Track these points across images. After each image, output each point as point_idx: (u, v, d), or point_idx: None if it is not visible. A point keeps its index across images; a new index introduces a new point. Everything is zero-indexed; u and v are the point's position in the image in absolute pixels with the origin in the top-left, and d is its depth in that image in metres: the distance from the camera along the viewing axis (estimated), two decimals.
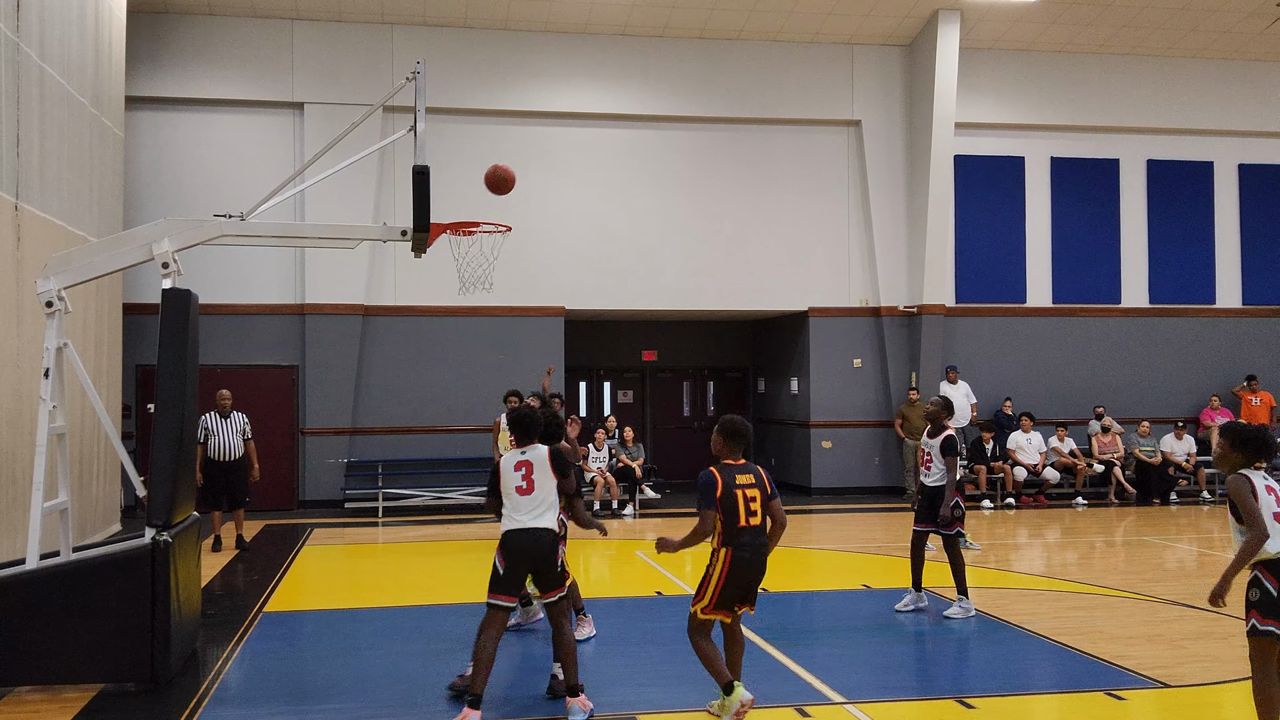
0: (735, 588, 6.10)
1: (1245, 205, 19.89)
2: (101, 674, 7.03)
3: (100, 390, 12.27)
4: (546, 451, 6.45)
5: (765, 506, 6.17)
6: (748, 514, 6.10)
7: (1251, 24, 18.24)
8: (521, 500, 6.35)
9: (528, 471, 6.37)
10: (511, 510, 6.37)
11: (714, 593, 6.10)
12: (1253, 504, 5.48)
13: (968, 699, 6.69)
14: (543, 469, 6.40)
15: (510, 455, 6.47)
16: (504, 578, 6.32)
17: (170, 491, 7.30)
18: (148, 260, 7.76)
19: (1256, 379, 19.17)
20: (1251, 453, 5.72)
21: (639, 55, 17.89)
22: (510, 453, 6.50)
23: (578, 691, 6.34)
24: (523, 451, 6.46)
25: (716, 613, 6.17)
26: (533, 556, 6.33)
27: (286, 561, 12.27)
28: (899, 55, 18.64)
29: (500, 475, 6.43)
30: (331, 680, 7.35)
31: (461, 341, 17.38)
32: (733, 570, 6.08)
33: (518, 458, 6.43)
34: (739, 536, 6.08)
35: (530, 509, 6.34)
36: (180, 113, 16.85)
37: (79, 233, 12.35)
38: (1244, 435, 5.74)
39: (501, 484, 6.41)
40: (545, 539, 6.33)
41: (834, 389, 18.57)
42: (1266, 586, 5.51)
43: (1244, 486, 5.54)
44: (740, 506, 6.09)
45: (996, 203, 19.10)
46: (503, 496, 6.41)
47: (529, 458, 6.42)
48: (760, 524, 6.15)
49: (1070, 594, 10.10)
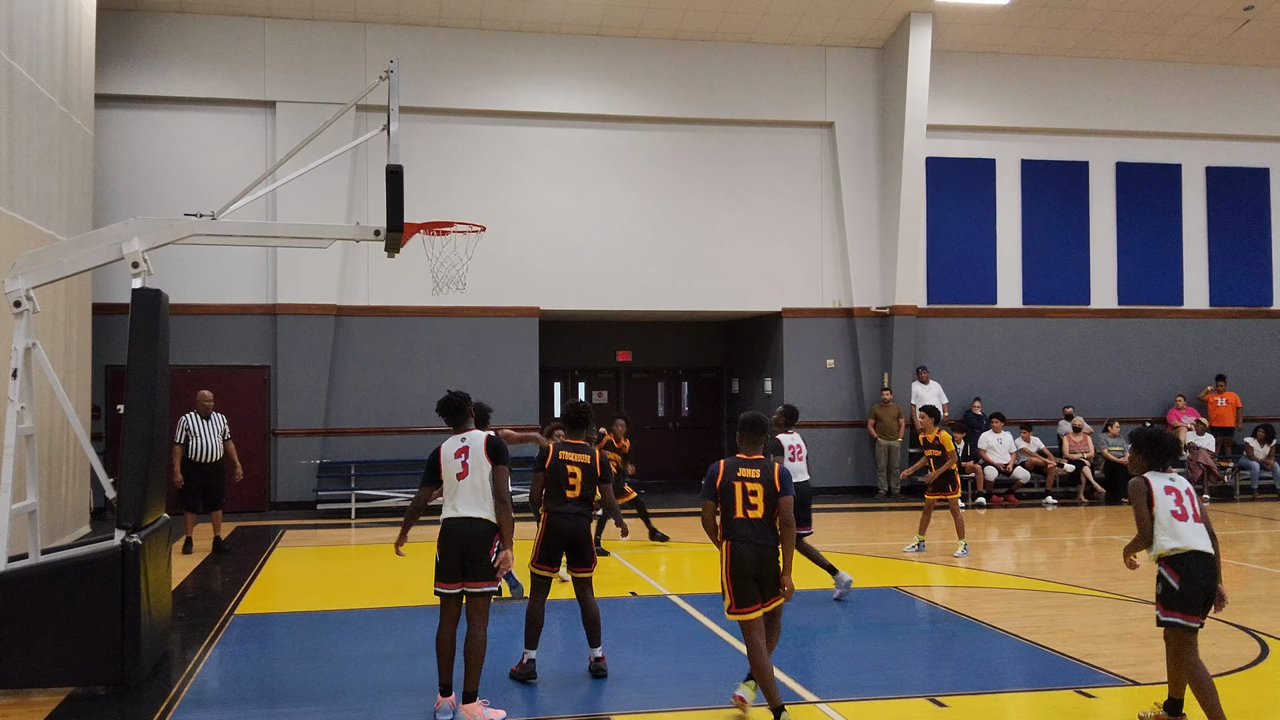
0: (744, 580, 6.11)
1: (1212, 207, 20.12)
2: (71, 677, 6.97)
3: (69, 391, 12.14)
4: (484, 439, 6.47)
5: (768, 501, 6.15)
6: (746, 506, 6.14)
7: (1219, 28, 18.45)
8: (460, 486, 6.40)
9: (465, 458, 6.41)
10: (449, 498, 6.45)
11: (729, 588, 6.14)
12: (1144, 511, 6.02)
13: (940, 698, 6.74)
14: (478, 456, 6.40)
15: (450, 442, 6.51)
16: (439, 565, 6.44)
17: (140, 493, 7.24)
18: (117, 260, 7.70)
19: (1224, 379, 19.40)
20: (1150, 454, 6.18)
21: (613, 56, 17.89)
22: (451, 440, 6.52)
23: None
24: (462, 439, 6.49)
25: (744, 611, 6.12)
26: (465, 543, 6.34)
27: (258, 563, 12.19)
28: (872, 58, 18.74)
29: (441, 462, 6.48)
30: (304, 682, 7.32)
31: (435, 342, 17.32)
32: (735, 562, 6.12)
33: (457, 444, 6.47)
34: (737, 528, 6.14)
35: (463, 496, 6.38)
36: (151, 111, 16.71)
37: (48, 232, 12.23)
38: (1142, 438, 6.23)
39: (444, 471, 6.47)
40: (479, 528, 6.35)
41: (807, 389, 18.64)
42: (1169, 581, 5.97)
43: (1140, 491, 6.05)
44: (738, 498, 6.14)
45: (968, 204, 19.23)
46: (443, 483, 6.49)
47: (467, 444, 6.46)
48: (761, 518, 6.15)
49: (1040, 593, 10.18)
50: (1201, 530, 6.01)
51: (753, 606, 6.12)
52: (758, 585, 6.13)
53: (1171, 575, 5.95)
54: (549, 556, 7.21)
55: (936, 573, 11.56)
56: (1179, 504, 6.01)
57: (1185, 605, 5.89)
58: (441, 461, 6.45)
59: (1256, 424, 19.02)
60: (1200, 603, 5.91)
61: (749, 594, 6.10)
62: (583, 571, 7.29)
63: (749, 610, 6.11)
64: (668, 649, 8.17)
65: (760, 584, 6.14)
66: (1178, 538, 5.93)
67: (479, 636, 6.29)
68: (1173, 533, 5.95)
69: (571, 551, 7.24)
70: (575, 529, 7.21)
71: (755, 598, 6.12)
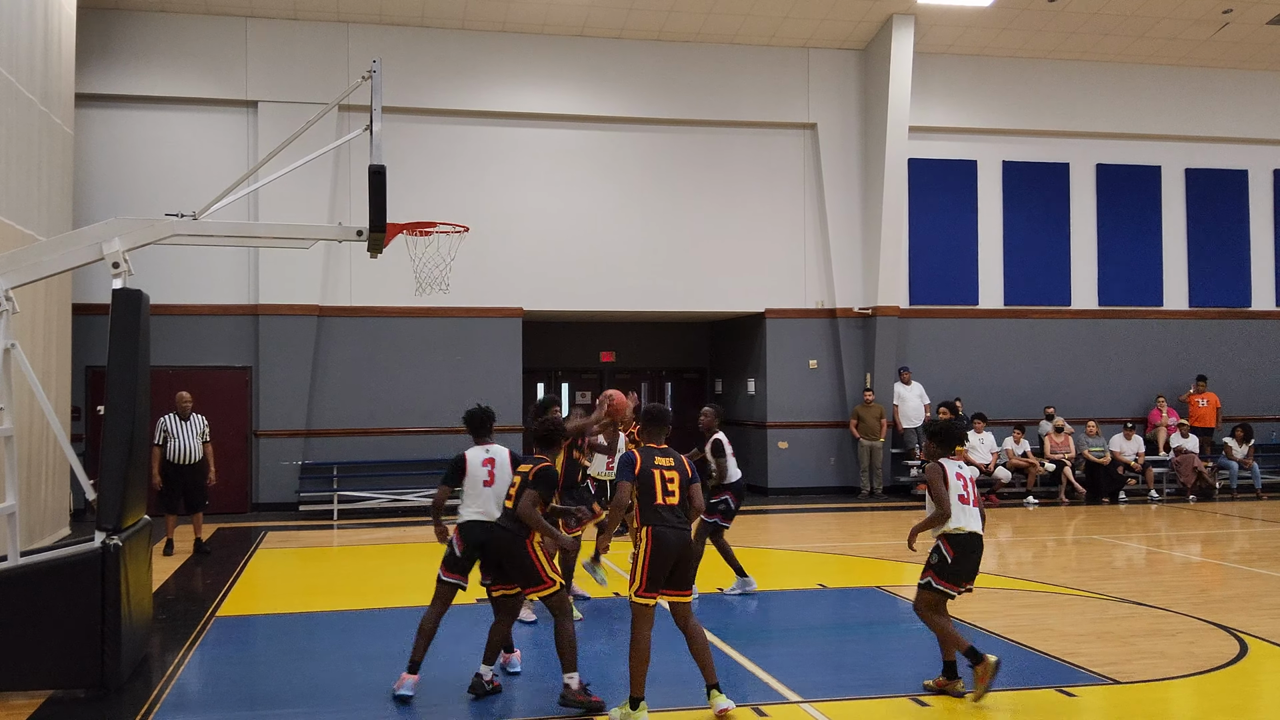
0: (661, 565, 6.25)
1: (1192, 209, 20.25)
2: (50, 680, 6.93)
3: (49, 392, 12.06)
4: (507, 453, 7.12)
5: (684, 489, 6.40)
6: (664, 493, 6.33)
7: (1199, 31, 18.58)
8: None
9: (491, 468, 7.06)
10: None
11: (643, 572, 6.25)
12: (942, 490, 6.72)
13: (922, 697, 6.76)
14: (504, 468, 7.05)
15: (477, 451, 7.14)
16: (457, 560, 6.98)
17: (120, 494, 7.20)
18: (98, 260, 7.65)
19: (1205, 380, 19.54)
20: (942, 443, 6.93)
21: (596, 56, 17.89)
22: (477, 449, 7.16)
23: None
24: (487, 450, 7.13)
25: (649, 595, 6.28)
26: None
27: (240, 565, 12.14)
28: (854, 59, 18.79)
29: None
30: (285, 685, 7.29)
31: (418, 343, 17.28)
32: (656, 547, 6.24)
33: (483, 455, 7.12)
34: (658, 514, 6.29)
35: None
36: (132, 110, 16.62)
37: (27, 231, 12.14)
38: (934, 428, 7.03)
39: None
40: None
41: (790, 390, 18.68)
42: (945, 555, 6.74)
43: (937, 474, 6.77)
44: (657, 485, 6.33)
45: (949, 206, 19.31)
46: None
47: (493, 456, 7.10)
48: (679, 504, 6.35)
49: (1022, 592, 10.23)
50: (977, 515, 6.82)
51: (655, 594, 6.31)
52: (669, 572, 6.29)
53: (949, 551, 6.72)
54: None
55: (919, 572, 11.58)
56: (965, 489, 6.80)
57: (954, 578, 6.76)
58: (468, 468, 7.06)
59: (1235, 424, 19.16)
60: (966, 577, 6.81)
61: (659, 579, 6.28)
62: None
63: (651, 597, 6.29)
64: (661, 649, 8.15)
65: (673, 571, 6.30)
66: (960, 519, 6.72)
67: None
68: (957, 514, 6.72)
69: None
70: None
71: (661, 584, 6.30)
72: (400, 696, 6.64)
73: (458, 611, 7.70)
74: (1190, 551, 13.30)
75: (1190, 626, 8.73)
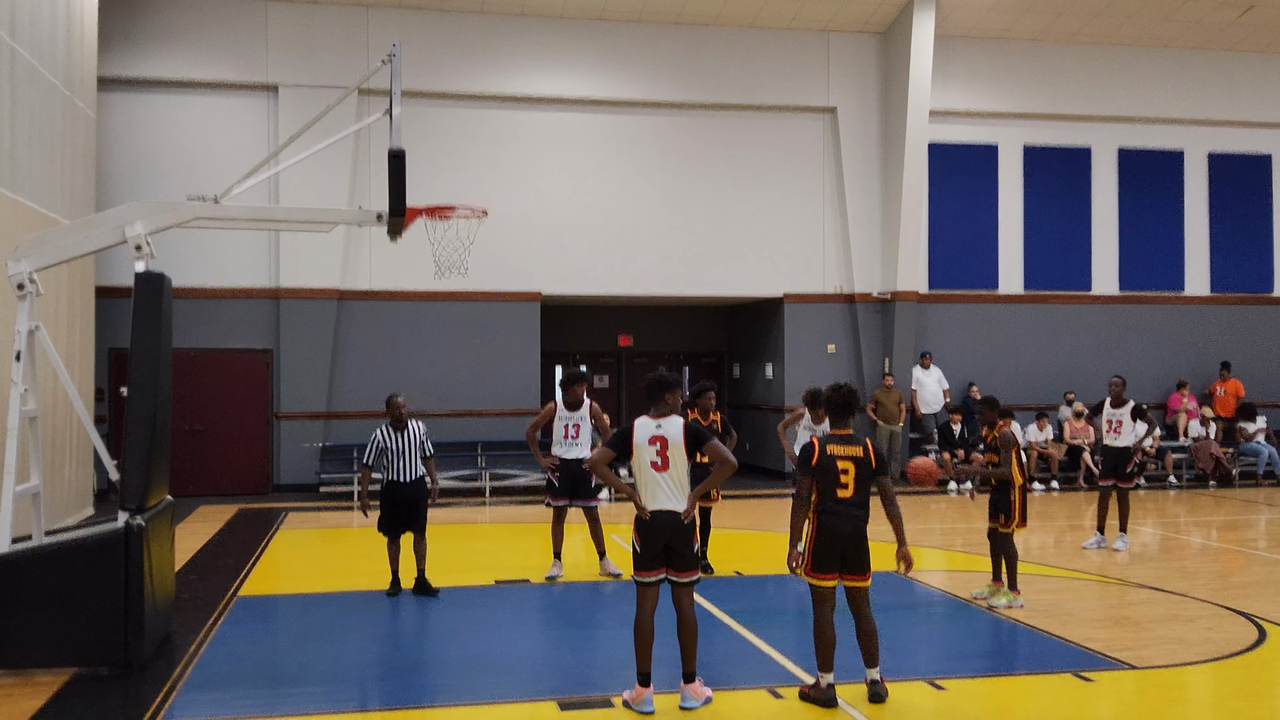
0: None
1: (1214, 194, 20.09)
2: (74, 658, 7.02)
3: (72, 373, 12.17)
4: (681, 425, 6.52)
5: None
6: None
7: (1222, 14, 18.39)
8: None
9: (662, 447, 6.43)
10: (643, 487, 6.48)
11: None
12: None
13: (938, 680, 6.79)
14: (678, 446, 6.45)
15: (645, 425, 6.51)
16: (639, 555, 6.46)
17: (144, 475, 7.27)
18: (120, 243, 7.72)
19: (1229, 367, 19.41)
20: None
21: (615, 40, 17.85)
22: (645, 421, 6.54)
23: (693, 678, 6.39)
24: (658, 424, 6.49)
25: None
26: None
27: (261, 545, 12.25)
28: (874, 43, 18.69)
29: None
30: (306, 664, 7.36)
31: (437, 326, 17.34)
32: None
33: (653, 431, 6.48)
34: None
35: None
36: (154, 94, 16.69)
37: (51, 214, 12.25)
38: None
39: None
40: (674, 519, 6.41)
41: (808, 374, 18.61)
42: None
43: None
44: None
45: (969, 190, 19.21)
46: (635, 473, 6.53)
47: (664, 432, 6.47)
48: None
49: (1039, 577, 10.22)
50: None
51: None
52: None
53: None
54: (824, 564, 6.45)
55: (935, 557, 11.61)
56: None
57: None
58: (635, 446, 6.46)
59: (1246, 406, 19.03)
60: None
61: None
62: (859, 580, 6.54)
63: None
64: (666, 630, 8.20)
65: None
66: None
67: (694, 618, 6.42)
68: None
69: (845, 559, 6.48)
70: (853, 531, 6.46)
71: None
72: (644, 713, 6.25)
73: (464, 595, 7.75)
74: (1209, 537, 13.25)
75: (1208, 612, 8.72)
